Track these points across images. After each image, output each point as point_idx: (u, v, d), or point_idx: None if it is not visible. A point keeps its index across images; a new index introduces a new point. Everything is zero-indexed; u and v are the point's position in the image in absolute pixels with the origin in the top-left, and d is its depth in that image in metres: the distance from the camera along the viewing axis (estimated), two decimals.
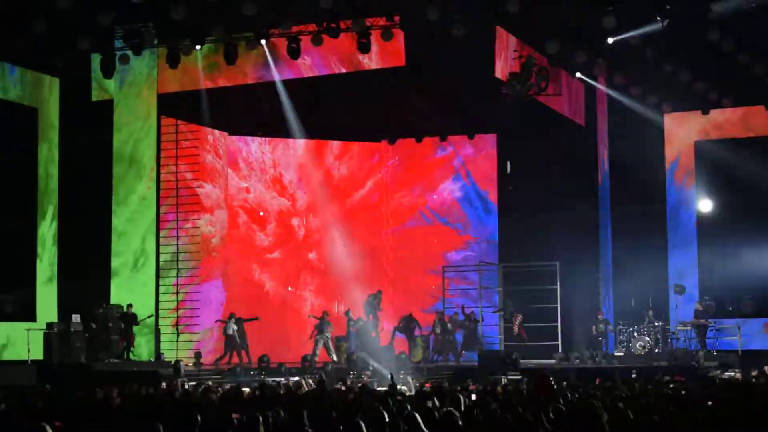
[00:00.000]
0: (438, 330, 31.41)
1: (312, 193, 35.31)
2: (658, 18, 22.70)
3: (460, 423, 11.01)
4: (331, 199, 35.28)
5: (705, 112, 33.83)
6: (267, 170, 34.86)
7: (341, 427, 11.38)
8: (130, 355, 28.54)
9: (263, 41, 28.21)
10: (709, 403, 13.43)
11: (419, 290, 35.01)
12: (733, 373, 24.88)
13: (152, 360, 28.73)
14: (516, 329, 31.50)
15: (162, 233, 30.87)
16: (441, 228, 35.54)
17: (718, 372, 26.12)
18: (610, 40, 27.68)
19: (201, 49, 28.94)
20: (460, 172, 35.48)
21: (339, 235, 34.76)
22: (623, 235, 33.72)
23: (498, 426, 11.48)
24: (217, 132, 33.34)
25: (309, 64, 29.43)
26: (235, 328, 30.08)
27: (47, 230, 30.40)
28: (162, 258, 31.00)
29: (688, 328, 30.87)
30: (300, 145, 35.09)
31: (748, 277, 33.12)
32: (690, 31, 26.66)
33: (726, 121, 34.06)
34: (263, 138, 34.66)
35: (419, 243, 35.59)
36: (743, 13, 25.66)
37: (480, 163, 35.19)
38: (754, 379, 20.87)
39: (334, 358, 30.22)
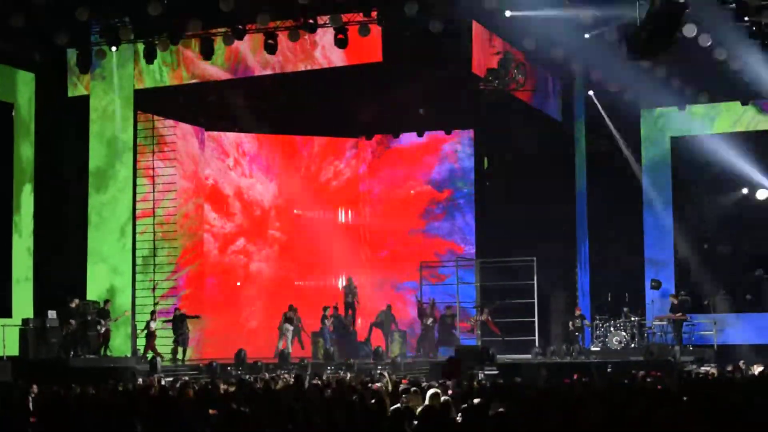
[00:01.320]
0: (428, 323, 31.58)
1: (289, 188, 35.34)
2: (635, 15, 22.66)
3: (439, 418, 11.04)
4: (308, 194, 35.35)
5: (681, 108, 33.93)
6: (243, 164, 34.82)
7: (318, 423, 11.39)
8: (107, 351, 28.43)
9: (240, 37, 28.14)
10: (685, 398, 13.46)
11: (397, 285, 35.09)
12: (708, 368, 24.96)
13: (128, 356, 28.63)
14: (484, 321, 31.46)
15: (139, 229, 30.77)
16: (418, 221, 35.57)
17: (694, 367, 26.22)
18: (586, 36, 27.70)
19: (177, 44, 28.82)
20: (437, 167, 35.50)
21: (316, 225, 34.97)
22: (600, 231, 33.80)
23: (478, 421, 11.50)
24: (194, 127, 33.34)
25: (286, 60, 29.34)
26: (153, 327, 29.60)
27: (23, 226, 30.23)
28: (139, 253, 30.94)
29: (665, 322, 30.99)
30: (277, 140, 35.11)
31: (723, 273, 33.35)
32: (667, 27, 26.69)
33: (703, 116, 34.16)
34: (240, 133, 34.62)
35: (396, 238, 35.65)
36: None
37: (457, 159, 35.23)
38: (729, 374, 20.95)
39: (302, 348, 30.32)
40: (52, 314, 27.58)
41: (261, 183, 35.17)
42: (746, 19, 25.82)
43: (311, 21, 27.21)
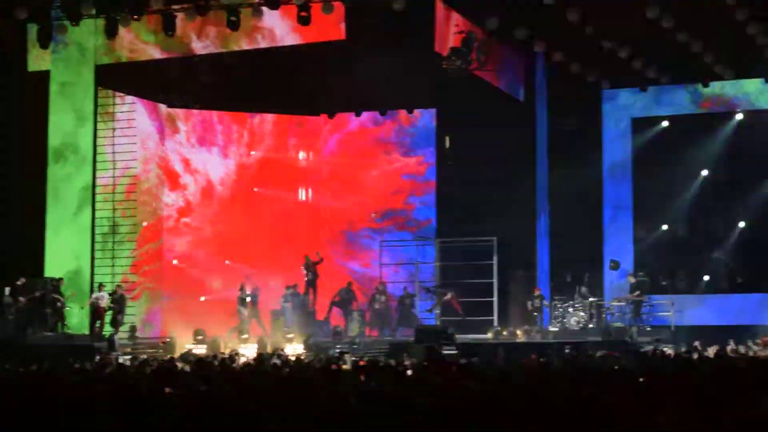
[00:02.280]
0: (378, 304, 31.55)
1: (249, 166, 35.24)
2: None
3: (399, 397, 11.05)
4: (271, 172, 35.27)
5: (643, 89, 34.05)
6: (205, 142, 34.68)
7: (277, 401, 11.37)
8: (65, 328, 28.25)
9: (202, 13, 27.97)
10: (642, 378, 13.55)
11: (355, 263, 35.08)
12: (665, 348, 25.14)
13: (86, 334, 28.45)
14: (449, 300, 31.53)
15: (98, 206, 30.57)
16: (380, 201, 35.55)
17: (651, 347, 26.40)
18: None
19: (139, 19, 28.61)
20: (399, 146, 35.50)
21: (276, 203, 34.94)
22: (560, 211, 33.91)
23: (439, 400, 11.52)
24: (154, 104, 33.17)
25: (247, 37, 29.18)
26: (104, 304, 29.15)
27: None
28: (98, 230, 30.76)
29: (623, 303, 31.16)
30: (240, 117, 35.00)
31: (682, 254, 33.60)
32: (629, 8, 26.80)
33: (663, 97, 34.29)
34: (201, 110, 34.43)
35: (357, 216, 35.62)
36: None
37: (419, 138, 35.24)
38: (686, 355, 21.11)
39: (267, 330, 30.21)
40: (7, 291, 27.41)
41: (220, 161, 34.98)
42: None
43: None
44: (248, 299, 30.35)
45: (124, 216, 31.88)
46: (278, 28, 28.71)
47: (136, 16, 28.21)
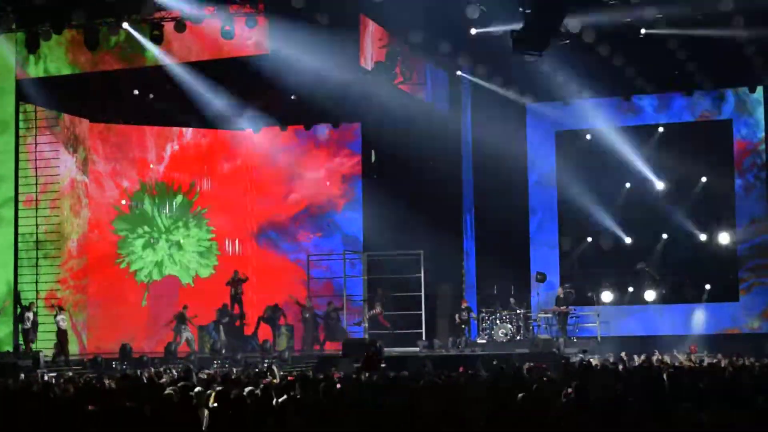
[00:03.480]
0: (307, 317, 31.48)
1: (177, 179, 35.02)
2: (520, 9, 22.86)
3: (327, 410, 11.02)
4: (195, 187, 35.09)
5: (566, 103, 34.31)
6: (129, 157, 34.37)
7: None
8: None
9: (125, 26, 27.76)
10: (569, 389, 13.61)
11: (283, 278, 34.90)
12: (592, 359, 25.31)
13: (11, 351, 28.04)
14: (376, 315, 31.51)
15: (21, 221, 30.17)
16: (305, 216, 35.45)
17: (578, 358, 26.58)
18: (473, 32, 27.82)
19: (61, 34, 28.34)
20: (324, 160, 35.41)
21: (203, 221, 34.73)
22: (486, 223, 34.14)
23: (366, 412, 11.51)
24: (77, 119, 32.82)
25: (172, 51, 29.01)
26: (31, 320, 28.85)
27: None
28: (21, 246, 30.34)
29: (550, 315, 31.36)
30: (163, 132, 34.74)
31: (607, 265, 33.92)
32: (551, 23, 26.99)
33: (587, 111, 34.58)
34: (126, 125, 34.13)
35: (283, 231, 35.50)
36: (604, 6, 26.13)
37: (344, 152, 35.20)
38: (612, 365, 21.27)
39: (195, 348, 30.00)
40: None
41: (143, 175, 34.68)
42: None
43: (197, 12, 26.89)
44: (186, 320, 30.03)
45: (46, 232, 31.44)
46: (203, 42, 28.58)
47: (56, 31, 27.93)
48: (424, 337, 30.70)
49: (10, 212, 29.38)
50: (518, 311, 31.16)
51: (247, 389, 13.12)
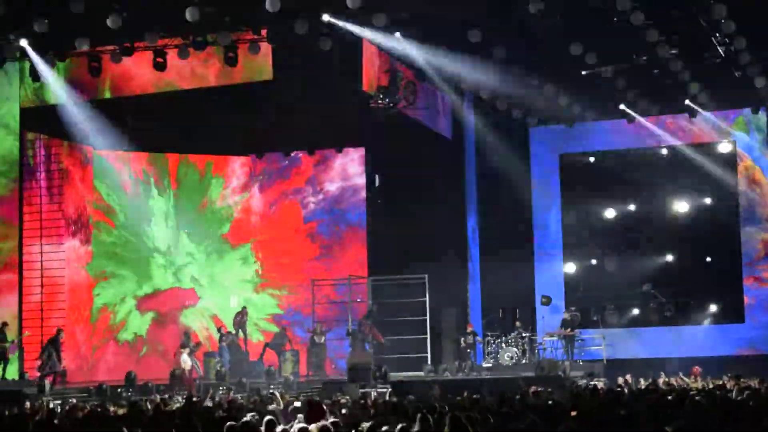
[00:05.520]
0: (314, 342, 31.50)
1: (180, 208, 35.00)
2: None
3: None
4: (201, 215, 35.06)
5: (569, 126, 34.30)
6: (135, 185, 34.29)
7: None
8: (4, 373, 27.84)
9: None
10: (574, 412, 13.58)
11: (289, 302, 34.90)
12: (597, 382, 25.25)
13: (16, 379, 28.02)
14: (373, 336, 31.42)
15: (25, 250, 30.19)
16: (309, 241, 35.40)
17: (584, 381, 26.51)
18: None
19: (64, 61, 28.41)
20: (329, 185, 35.37)
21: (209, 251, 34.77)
22: (491, 247, 34.08)
23: None
24: (83, 146, 32.76)
25: (175, 78, 29.06)
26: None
27: None
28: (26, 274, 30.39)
29: (555, 338, 31.31)
30: (170, 159, 34.72)
31: (611, 288, 33.88)
32: (553, 45, 27.05)
33: (590, 134, 34.59)
34: (133, 153, 34.01)
35: (288, 256, 35.41)
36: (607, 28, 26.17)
37: (348, 177, 35.17)
38: (618, 388, 21.23)
39: (201, 373, 29.90)
40: None
41: (150, 202, 34.65)
42: None
43: (200, 39, 26.95)
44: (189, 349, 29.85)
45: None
46: (207, 69, 28.66)
47: (61, 59, 28.00)
48: (429, 362, 30.68)
49: (17, 241, 29.38)
50: (524, 335, 31.14)
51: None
